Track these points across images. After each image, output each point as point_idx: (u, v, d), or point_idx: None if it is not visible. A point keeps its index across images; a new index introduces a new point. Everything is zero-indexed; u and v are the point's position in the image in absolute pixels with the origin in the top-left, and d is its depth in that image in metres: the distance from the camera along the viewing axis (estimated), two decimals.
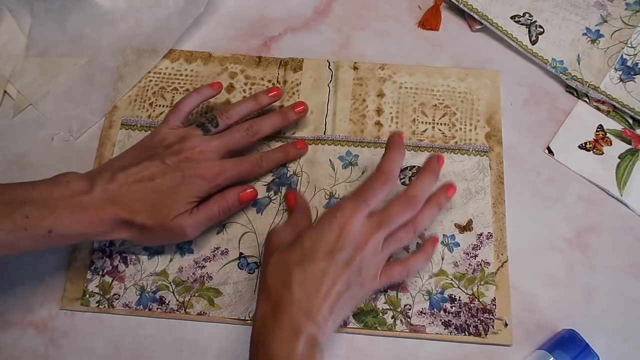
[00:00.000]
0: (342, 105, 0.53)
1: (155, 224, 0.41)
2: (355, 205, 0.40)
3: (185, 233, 0.43)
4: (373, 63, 0.55)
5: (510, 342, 0.44)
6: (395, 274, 0.42)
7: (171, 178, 0.42)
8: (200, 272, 0.47)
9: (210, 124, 0.46)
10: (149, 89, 0.54)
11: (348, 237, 0.39)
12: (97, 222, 0.40)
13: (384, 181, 0.41)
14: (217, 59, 0.55)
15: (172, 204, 0.41)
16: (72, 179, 0.40)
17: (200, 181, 0.42)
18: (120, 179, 0.41)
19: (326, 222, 0.39)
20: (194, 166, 0.42)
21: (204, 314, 0.45)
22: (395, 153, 0.42)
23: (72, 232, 0.39)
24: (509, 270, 0.46)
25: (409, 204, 0.41)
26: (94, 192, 0.40)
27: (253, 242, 0.48)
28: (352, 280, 0.39)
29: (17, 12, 0.57)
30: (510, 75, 0.54)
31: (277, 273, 0.39)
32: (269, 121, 0.48)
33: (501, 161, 0.50)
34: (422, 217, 0.42)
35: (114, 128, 0.52)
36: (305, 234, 0.40)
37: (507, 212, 0.48)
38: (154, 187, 0.41)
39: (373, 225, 0.40)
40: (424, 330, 0.45)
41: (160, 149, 0.43)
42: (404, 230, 0.41)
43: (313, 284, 0.38)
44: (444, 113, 0.53)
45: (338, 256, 0.38)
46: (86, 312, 0.45)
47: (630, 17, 0.55)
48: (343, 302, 0.39)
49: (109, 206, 0.40)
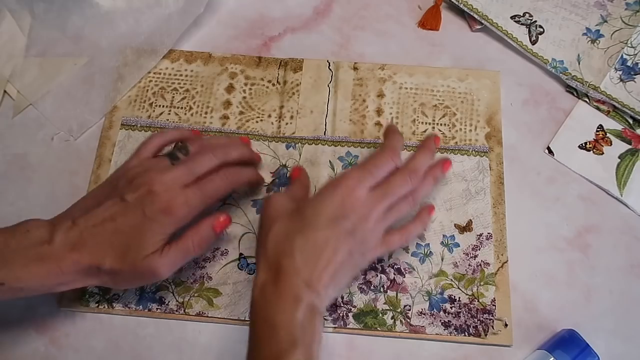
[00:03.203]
0: (342, 105, 0.53)
1: (124, 267, 0.38)
2: (360, 175, 0.40)
3: (158, 273, 0.39)
4: (373, 63, 0.55)
5: (511, 342, 0.44)
6: (394, 241, 0.42)
7: (132, 217, 0.39)
8: (200, 272, 0.47)
9: (179, 151, 0.43)
10: (149, 89, 0.54)
11: (352, 207, 0.39)
12: (56, 273, 0.37)
13: (390, 156, 0.42)
14: (217, 59, 0.55)
15: (139, 244, 0.38)
16: (32, 228, 0.38)
17: (163, 217, 0.39)
18: (81, 224, 0.38)
19: (330, 191, 0.40)
20: (154, 200, 0.39)
21: (203, 314, 0.45)
22: (396, 134, 0.44)
23: (28, 284, 0.37)
24: (509, 270, 0.46)
25: (410, 176, 0.42)
26: (53, 241, 0.37)
27: (253, 242, 0.47)
28: (354, 250, 0.39)
29: (17, 12, 0.57)
30: (510, 75, 0.54)
31: (278, 241, 0.39)
32: (246, 173, 0.46)
33: (501, 161, 0.50)
34: (421, 188, 0.43)
35: (114, 128, 0.52)
36: (308, 203, 0.40)
37: (507, 212, 0.48)
38: (116, 228, 0.38)
39: (377, 196, 0.40)
40: (424, 331, 0.45)
41: (122, 183, 0.40)
42: (404, 201, 0.42)
43: (314, 252, 0.38)
44: (444, 113, 0.53)
45: (341, 225, 0.39)
46: (86, 312, 0.45)
47: (630, 17, 0.55)
48: (344, 271, 0.40)
49: (69, 254, 0.37)
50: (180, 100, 0.53)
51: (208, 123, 0.52)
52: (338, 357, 0.44)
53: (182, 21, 0.55)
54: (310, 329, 0.37)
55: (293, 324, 0.36)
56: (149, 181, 0.39)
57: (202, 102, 0.53)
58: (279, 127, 0.52)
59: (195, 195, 0.40)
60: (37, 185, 0.50)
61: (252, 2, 0.59)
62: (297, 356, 0.35)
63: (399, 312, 0.45)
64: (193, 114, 0.53)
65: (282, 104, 0.53)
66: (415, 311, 0.45)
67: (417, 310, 0.45)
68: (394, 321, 0.45)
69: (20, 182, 0.50)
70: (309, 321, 0.37)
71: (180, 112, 0.53)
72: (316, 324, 0.37)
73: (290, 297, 0.37)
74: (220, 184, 0.42)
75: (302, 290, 0.37)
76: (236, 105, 0.53)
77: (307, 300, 0.37)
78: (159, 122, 0.52)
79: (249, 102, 0.53)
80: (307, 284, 0.37)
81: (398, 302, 0.45)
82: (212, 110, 0.53)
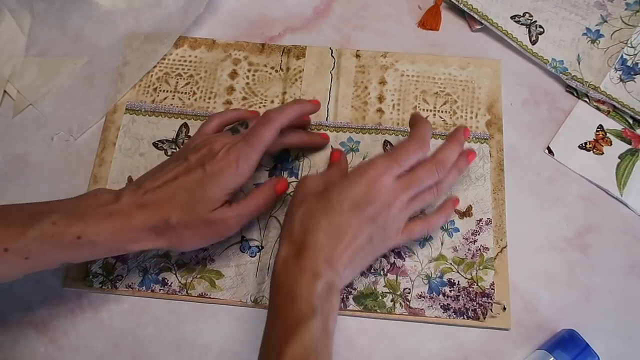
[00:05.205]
0: (344, 92, 0.53)
1: (193, 219, 0.40)
2: (388, 164, 0.41)
3: (229, 225, 0.41)
4: (375, 51, 0.55)
5: (509, 326, 0.44)
6: (416, 230, 0.43)
7: (194, 174, 0.41)
8: (203, 254, 0.47)
9: (241, 126, 0.45)
10: (153, 75, 0.54)
11: (377, 195, 0.40)
12: (127, 229, 0.39)
13: (419, 146, 0.42)
14: (220, 45, 0.56)
15: (203, 199, 0.40)
16: (99, 192, 0.41)
17: (223, 172, 0.41)
18: (147, 186, 0.41)
19: (357, 177, 0.41)
20: (215, 157, 0.41)
21: (205, 295, 0.46)
22: (425, 122, 0.44)
23: (102, 238, 0.38)
24: (509, 270, 0.46)
25: (437, 167, 0.42)
26: (120, 201, 0.40)
27: (254, 225, 0.48)
28: (374, 235, 0.40)
29: (17, 12, 0.57)
30: (510, 75, 0.54)
31: (304, 219, 0.40)
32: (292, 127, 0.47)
33: (501, 148, 0.51)
34: (446, 180, 0.44)
35: (118, 112, 0.53)
36: (335, 186, 0.41)
37: (507, 212, 0.48)
38: (180, 185, 0.40)
39: (402, 186, 0.41)
40: (423, 314, 0.45)
41: (186, 151, 0.43)
42: (429, 191, 0.43)
43: (336, 234, 0.39)
44: (445, 101, 0.53)
45: (364, 210, 0.40)
46: (91, 292, 0.46)
47: (630, 17, 0.55)
48: (363, 255, 0.41)
49: (138, 212, 0.39)
50: (184, 85, 0.54)
51: (211, 108, 0.53)
52: (338, 356, 0.44)
53: (182, 21, 0.55)
54: (327, 304, 0.38)
55: (313, 295, 0.37)
56: (210, 142, 0.42)
57: (206, 88, 0.54)
58: None
59: (251, 146, 0.42)
60: (37, 185, 0.50)
61: (252, 2, 0.59)
62: (315, 324, 0.36)
63: (399, 295, 0.46)
64: (197, 99, 0.53)
65: (285, 90, 0.53)
66: (414, 294, 0.46)
67: (417, 293, 0.46)
68: (394, 304, 0.45)
69: (20, 182, 0.50)
70: (327, 296, 0.38)
71: (184, 97, 0.53)
72: (333, 301, 0.39)
73: (311, 271, 0.38)
74: (269, 134, 0.42)
75: (322, 267, 0.38)
76: (239, 91, 0.54)
77: (326, 277, 0.38)
78: (163, 107, 0.53)
79: (252, 88, 0.54)
80: (327, 262, 0.39)
81: (398, 285, 0.46)
82: (216, 95, 0.53)
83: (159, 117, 0.52)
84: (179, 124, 0.52)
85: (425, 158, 0.43)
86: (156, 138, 0.52)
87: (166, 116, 0.52)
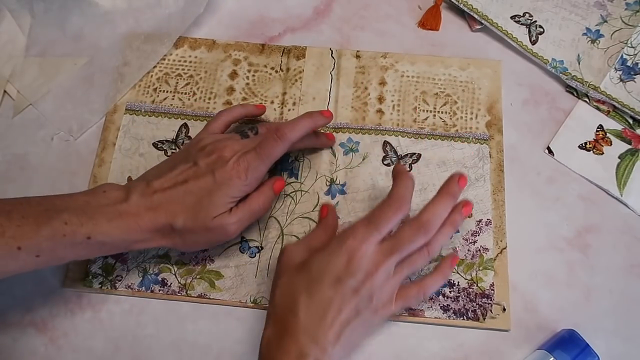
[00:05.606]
0: (344, 92, 0.53)
1: (195, 226, 0.41)
2: (366, 232, 0.39)
3: (228, 230, 0.42)
4: (375, 52, 0.55)
5: (509, 327, 0.44)
6: (411, 296, 0.41)
7: (203, 180, 0.41)
8: (202, 254, 0.47)
9: (250, 130, 0.45)
10: (153, 75, 0.55)
11: (358, 264, 0.38)
12: (135, 230, 0.39)
13: (397, 208, 0.40)
14: (220, 46, 0.56)
15: (209, 206, 0.41)
16: (108, 189, 0.41)
17: (232, 181, 0.41)
18: (156, 186, 0.41)
19: (335, 248, 0.39)
20: (225, 165, 0.41)
21: (205, 296, 0.46)
22: (406, 179, 0.41)
23: (111, 238, 0.39)
24: (509, 270, 0.46)
25: (421, 230, 0.40)
26: (130, 200, 0.40)
27: (254, 226, 0.48)
28: (361, 307, 0.38)
29: (17, 12, 0.57)
30: (510, 75, 0.54)
31: (284, 297, 0.39)
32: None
33: (501, 149, 0.51)
34: (437, 240, 0.41)
35: (118, 112, 0.53)
36: (314, 258, 0.39)
37: (507, 212, 0.48)
38: (188, 190, 0.41)
39: (384, 252, 0.39)
40: (423, 315, 0.45)
41: (194, 150, 0.43)
42: (418, 253, 0.40)
43: (319, 311, 0.37)
44: (445, 101, 0.53)
45: (346, 283, 0.38)
46: (90, 293, 0.46)
47: (630, 17, 0.55)
48: (352, 329, 0.38)
49: (146, 214, 0.40)
50: (184, 86, 0.54)
51: (211, 109, 0.53)
52: None
53: (182, 21, 0.55)
54: None
55: None
56: (220, 148, 0.42)
57: (206, 88, 0.54)
58: (281, 113, 0.52)
59: (261, 160, 0.42)
60: (37, 185, 0.50)
61: (252, 2, 0.59)
62: None
63: None
64: (197, 100, 0.53)
65: (285, 91, 0.53)
66: None
67: None
68: None
69: (20, 182, 0.50)
70: None
71: (184, 98, 0.53)
72: None
73: (295, 352, 0.36)
74: (279, 150, 0.43)
75: (308, 347, 0.36)
76: (239, 91, 0.54)
77: (313, 356, 0.36)
78: (163, 108, 0.53)
79: (252, 89, 0.54)
80: (313, 341, 0.37)
81: None
82: (216, 96, 0.53)
83: (158, 117, 0.52)
84: (179, 125, 0.52)
85: (412, 217, 0.40)
86: (156, 138, 0.52)
87: (166, 116, 0.52)
